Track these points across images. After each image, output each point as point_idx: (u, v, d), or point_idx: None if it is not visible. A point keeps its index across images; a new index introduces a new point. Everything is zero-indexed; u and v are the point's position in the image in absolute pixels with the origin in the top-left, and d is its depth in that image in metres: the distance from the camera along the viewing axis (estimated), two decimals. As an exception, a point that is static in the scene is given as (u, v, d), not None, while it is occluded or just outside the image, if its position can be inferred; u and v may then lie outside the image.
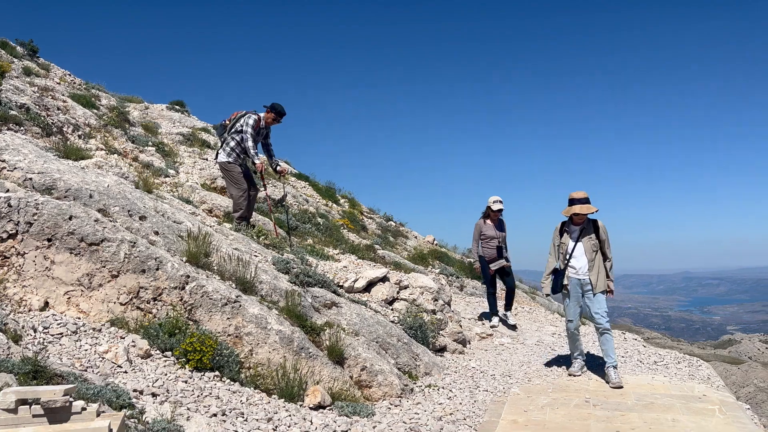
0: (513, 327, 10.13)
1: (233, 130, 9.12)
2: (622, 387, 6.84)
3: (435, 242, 18.99)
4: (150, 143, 11.93)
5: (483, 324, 10.18)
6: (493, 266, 10.03)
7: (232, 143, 9.09)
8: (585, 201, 7.18)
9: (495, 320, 10.18)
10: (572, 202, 7.21)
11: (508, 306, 10.40)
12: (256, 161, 9.17)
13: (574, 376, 7.33)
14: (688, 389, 6.93)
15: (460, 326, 8.98)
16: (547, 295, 7.68)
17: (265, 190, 10.12)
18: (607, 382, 6.98)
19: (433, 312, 8.58)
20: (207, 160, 12.45)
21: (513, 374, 7.48)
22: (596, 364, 7.65)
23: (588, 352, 8.24)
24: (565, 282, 7.27)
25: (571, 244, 7.28)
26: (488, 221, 10.02)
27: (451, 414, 5.92)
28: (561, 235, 7.40)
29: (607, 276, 7.26)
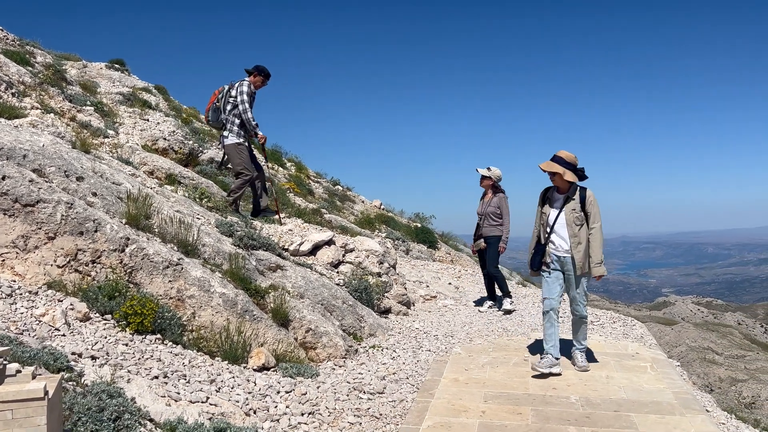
0: (508, 312, 9.03)
1: (231, 107, 8.52)
2: (588, 371, 6.18)
3: (382, 207, 19.08)
4: (88, 103, 11.54)
5: (428, 287, 10.33)
6: (473, 246, 9.39)
7: (238, 121, 8.50)
8: (560, 161, 6.14)
9: (485, 305, 9.36)
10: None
11: (500, 291, 9.32)
12: (259, 133, 8.59)
13: (538, 370, 6.05)
14: (622, 347, 7.21)
15: (405, 288, 9.09)
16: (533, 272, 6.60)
17: (267, 162, 9.39)
18: (573, 365, 6.33)
19: (379, 275, 8.66)
20: (148, 120, 12.13)
21: (455, 334, 7.64)
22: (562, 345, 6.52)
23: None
24: (546, 259, 6.26)
25: (553, 214, 6.23)
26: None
27: (394, 373, 6.03)
28: (544, 204, 6.36)
29: (590, 256, 6.12)
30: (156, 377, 4.46)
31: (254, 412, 4.61)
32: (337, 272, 8.38)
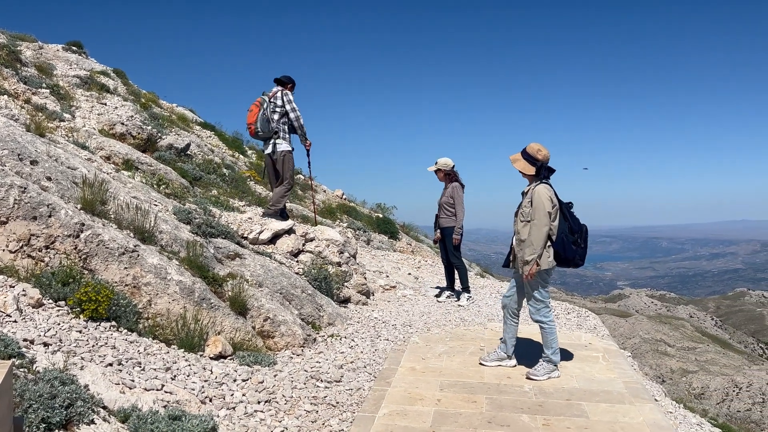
0: (462, 306, 9.02)
1: (279, 116, 8.72)
2: (534, 380, 5.77)
3: (344, 197, 19.07)
4: (44, 85, 11.27)
5: (387, 277, 10.38)
6: (435, 237, 9.46)
7: (285, 128, 8.78)
8: (522, 150, 5.86)
9: (443, 296, 9.47)
10: None
11: (460, 284, 9.42)
12: (308, 139, 8.93)
13: (484, 364, 6.17)
14: (576, 338, 7.36)
15: (365, 278, 9.12)
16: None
17: (310, 166, 9.97)
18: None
19: (339, 264, 8.67)
20: (106, 104, 11.91)
21: (413, 324, 7.71)
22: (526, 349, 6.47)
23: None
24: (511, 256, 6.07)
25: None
26: None
27: (352, 362, 6.07)
28: None
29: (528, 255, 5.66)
30: (110, 365, 4.41)
31: (210, 400, 4.60)
32: (297, 261, 8.36)
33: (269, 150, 8.87)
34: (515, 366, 6.16)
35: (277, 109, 8.67)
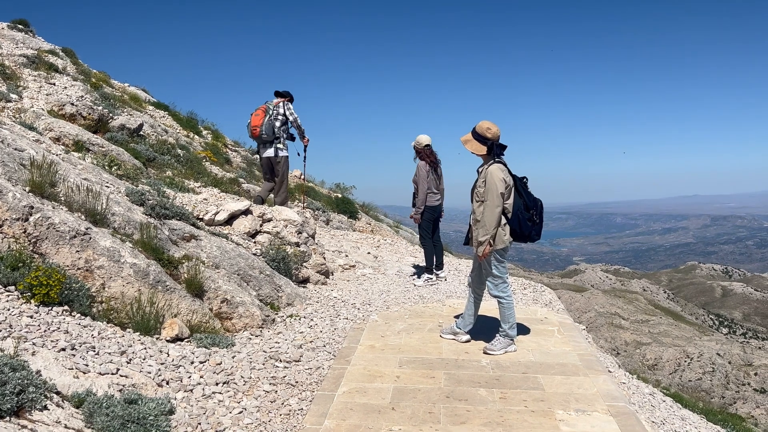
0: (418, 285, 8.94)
1: (280, 124, 9.85)
2: (489, 354, 5.88)
3: (302, 177, 18.94)
4: (-13, 64, 10.90)
5: (347, 256, 10.38)
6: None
7: (284, 135, 9.97)
8: (474, 132, 5.86)
9: (421, 279, 9.16)
10: None
11: (425, 263, 9.29)
12: (306, 137, 10.24)
13: (442, 336, 6.41)
14: (532, 312, 7.49)
15: (324, 258, 9.10)
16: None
17: (305, 162, 10.92)
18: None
19: (297, 245, 8.63)
20: (55, 84, 11.57)
21: (373, 302, 7.74)
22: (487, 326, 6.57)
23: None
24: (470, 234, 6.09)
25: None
26: None
27: (311, 342, 6.07)
28: None
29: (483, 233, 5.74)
30: (63, 349, 4.33)
31: (167, 383, 4.56)
32: (255, 242, 8.30)
33: (270, 153, 9.97)
34: (468, 341, 6.26)
35: (279, 117, 9.86)
